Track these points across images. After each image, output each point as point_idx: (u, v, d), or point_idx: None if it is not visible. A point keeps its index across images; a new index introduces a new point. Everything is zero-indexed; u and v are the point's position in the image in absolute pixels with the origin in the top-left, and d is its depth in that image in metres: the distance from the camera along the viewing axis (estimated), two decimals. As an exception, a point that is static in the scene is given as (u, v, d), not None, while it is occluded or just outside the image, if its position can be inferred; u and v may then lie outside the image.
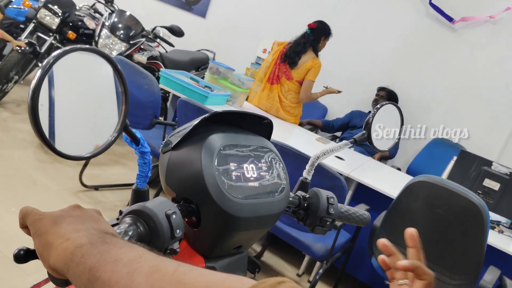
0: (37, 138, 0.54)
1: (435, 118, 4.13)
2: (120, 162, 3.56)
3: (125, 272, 0.43)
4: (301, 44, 3.44)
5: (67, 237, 0.49)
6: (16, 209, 2.45)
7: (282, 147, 2.18)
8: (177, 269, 0.42)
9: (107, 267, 0.44)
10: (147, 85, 2.72)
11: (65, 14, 3.79)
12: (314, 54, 3.48)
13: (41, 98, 0.52)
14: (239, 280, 0.39)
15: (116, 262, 0.45)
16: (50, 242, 0.49)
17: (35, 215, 0.53)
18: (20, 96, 3.97)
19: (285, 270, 2.86)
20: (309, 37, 3.44)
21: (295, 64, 3.43)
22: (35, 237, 0.51)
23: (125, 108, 0.59)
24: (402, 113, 0.96)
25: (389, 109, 0.93)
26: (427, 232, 2.04)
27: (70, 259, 0.47)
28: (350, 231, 2.62)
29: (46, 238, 0.50)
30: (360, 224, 0.90)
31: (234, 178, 0.70)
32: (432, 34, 4.15)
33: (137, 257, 0.45)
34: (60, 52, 0.52)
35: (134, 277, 0.42)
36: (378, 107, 0.91)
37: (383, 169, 3.37)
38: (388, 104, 0.93)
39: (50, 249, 0.49)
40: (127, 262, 0.44)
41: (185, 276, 0.41)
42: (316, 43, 3.47)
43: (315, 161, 0.89)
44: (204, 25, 5.26)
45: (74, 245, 0.48)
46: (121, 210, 0.63)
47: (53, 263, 0.48)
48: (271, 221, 0.76)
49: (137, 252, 0.46)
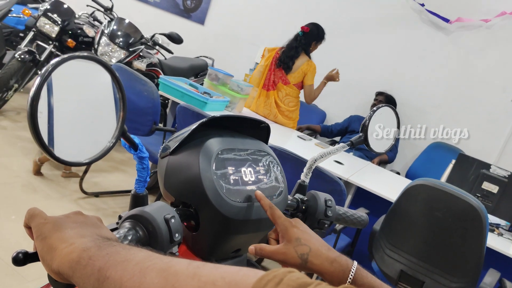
0: (36, 145, 0.55)
1: (433, 122, 4.13)
2: (120, 169, 3.56)
3: (137, 269, 0.43)
4: (294, 49, 3.45)
5: (71, 242, 0.49)
6: (16, 217, 2.45)
7: (280, 151, 2.19)
8: (190, 263, 0.43)
9: (117, 266, 0.44)
10: (146, 91, 2.73)
11: (64, 22, 3.81)
12: (308, 56, 3.50)
13: (40, 105, 0.53)
14: (252, 270, 0.40)
15: (126, 261, 0.45)
16: (54, 246, 0.49)
17: (40, 219, 0.53)
18: (20, 104, 3.98)
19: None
20: (301, 40, 3.46)
21: (290, 69, 3.46)
22: (38, 240, 0.51)
23: (123, 115, 0.60)
24: (398, 116, 0.97)
25: (385, 111, 0.94)
26: (427, 236, 2.04)
27: (77, 262, 0.47)
28: (350, 235, 2.62)
29: (49, 242, 0.50)
30: (358, 226, 0.91)
31: (232, 182, 0.70)
32: (428, 39, 4.17)
33: (148, 257, 0.45)
34: (58, 60, 0.53)
35: (147, 273, 0.42)
36: (375, 110, 0.92)
37: (382, 173, 3.37)
38: (385, 106, 0.94)
39: (54, 253, 0.49)
40: (139, 261, 0.44)
41: (199, 269, 0.41)
42: (307, 47, 3.49)
43: (313, 163, 0.89)
44: (202, 32, 5.28)
45: (80, 249, 0.48)
46: (120, 215, 0.64)
47: (57, 267, 0.48)
48: (269, 224, 0.76)
49: (147, 252, 0.46)
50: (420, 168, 4.02)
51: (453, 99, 4.09)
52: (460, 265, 1.99)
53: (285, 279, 0.35)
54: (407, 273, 2.07)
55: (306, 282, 0.35)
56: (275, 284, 0.35)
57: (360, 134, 0.92)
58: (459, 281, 1.99)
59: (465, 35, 4.02)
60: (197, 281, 0.40)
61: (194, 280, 0.40)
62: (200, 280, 0.40)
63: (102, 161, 3.49)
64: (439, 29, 4.11)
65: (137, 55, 3.87)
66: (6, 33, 4.35)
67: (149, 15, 5.46)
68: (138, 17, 4.78)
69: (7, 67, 3.41)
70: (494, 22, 3.87)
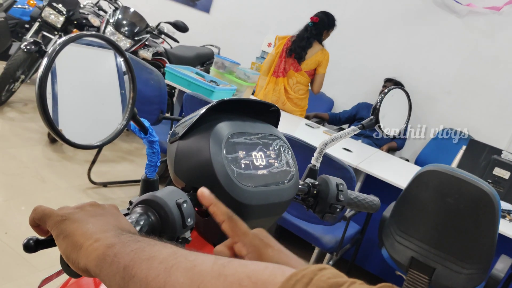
0: (46, 127, 0.54)
1: (443, 108, 4.10)
2: (127, 159, 3.58)
3: (162, 268, 0.42)
4: (305, 39, 3.43)
5: (96, 238, 0.48)
6: (26, 207, 2.47)
7: (289, 138, 2.18)
8: (215, 262, 0.42)
9: (142, 264, 0.44)
10: (153, 80, 2.73)
11: (69, 12, 3.81)
12: (321, 45, 3.48)
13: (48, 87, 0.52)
14: (279, 268, 0.38)
15: (151, 259, 0.44)
16: (80, 244, 0.48)
17: (56, 217, 0.51)
18: (26, 95, 4.00)
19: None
20: (312, 31, 3.43)
21: (303, 59, 3.44)
22: (60, 239, 0.50)
23: (133, 96, 0.59)
24: (410, 98, 0.95)
25: (396, 93, 0.93)
26: (438, 222, 2.03)
27: (103, 259, 0.46)
28: (360, 222, 2.62)
29: (73, 240, 0.49)
30: (370, 210, 0.90)
31: (243, 166, 0.69)
32: (438, 23, 4.11)
33: (173, 254, 0.44)
34: (65, 39, 0.52)
35: (172, 272, 0.42)
36: (386, 92, 0.91)
37: (392, 160, 3.35)
38: (396, 88, 0.93)
39: (79, 251, 0.48)
40: (163, 259, 0.43)
41: (224, 269, 0.40)
42: (319, 37, 3.47)
43: (324, 147, 0.88)
44: (208, 20, 5.26)
45: (105, 245, 0.47)
46: (131, 200, 0.64)
47: (84, 265, 0.47)
48: (281, 209, 0.76)
49: (172, 249, 0.45)
50: (430, 155, 3.98)
51: (464, 85, 4.04)
52: (472, 252, 1.98)
53: (315, 279, 0.34)
54: (418, 260, 2.06)
55: (337, 282, 0.33)
56: (305, 285, 0.34)
57: (371, 117, 0.91)
58: (471, 267, 1.98)
59: (476, 19, 3.96)
60: (223, 281, 0.39)
61: (220, 280, 0.39)
62: (226, 280, 0.39)
63: (109, 151, 3.51)
64: (450, 13, 4.05)
65: (143, 44, 3.86)
66: (11, 24, 4.35)
67: (154, 4, 5.44)
68: (143, 6, 4.77)
69: (13, 59, 3.42)
70: (505, 9, 3.80)
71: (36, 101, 0.51)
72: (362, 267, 2.85)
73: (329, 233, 2.34)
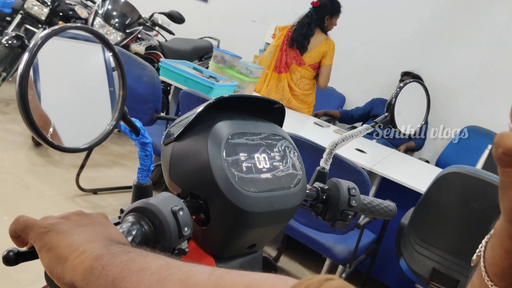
0: (28, 129, 0.55)
1: (467, 104, 4.09)
2: (119, 163, 3.59)
3: (153, 280, 0.43)
4: (306, 25, 3.41)
5: (82, 249, 0.48)
6: (8, 217, 2.48)
7: (295, 139, 2.18)
8: (212, 273, 0.42)
9: (132, 276, 0.44)
10: (146, 77, 2.73)
11: (54, 3, 3.82)
12: (325, 34, 3.46)
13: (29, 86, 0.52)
14: (282, 279, 0.38)
15: (142, 271, 0.44)
16: (65, 257, 0.48)
17: (39, 228, 0.51)
18: (8, 94, 4.02)
19: (304, 276, 2.86)
20: (312, 16, 3.42)
21: (305, 49, 3.42)
22: (43, 252, 0.49)
23: (123, 93, 0.59)
24: (428, 93, 0.95)
25: (413, 87, 0.92)
26: (461, 229, 2.02)
27: (90, 272, 0.46)
28: (375, 231, 2.61)
29: (58, 253, 0.48)
30: (386, 217, 0.90)
31: (245, 170, 0.70)
32: (460, 10, 4.09)
33: (166, 265, 0.44)
34: (48, 32, 0.52)
35: (165, 284, 0.42)
36: (402, 86, 0.90)
37: (410, 161, 3.34)
38: (413, 82, 0.92)
39: (65, 264, 0.48)
40: (156, 270, 0.44)
41: (222, 279, 0.40)
42: (321, 23, 3.44)
43: (333, 148, 0.88)
44: (206, 10, 5.27)
45: (92, 257, 0.47)
46: (122, 208, 0.64)
47: (70, 279, 0.47)
48: (287, 216, 0.75)
49: (165, 260, 0.46)
50: (452, 155, 3.97)
51: (488, 78, 4.03)
52: (499, 262, 1.97)
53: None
54: (440, 271, 2.05)
55: None
56: None
57: (385, 114, 0.91)
58: (498, 279, 1.97)
59: (500, 9, 3.95)
60: None
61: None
62: None
63: (99, 155, 3.52)
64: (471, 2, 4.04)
65: (135, 37, 3.87)
66: (-9, 17, 4.37)
67: (146, -7, 5.46)
68: (134, -5, 4.78)
69: (-6, 54, 3.44)
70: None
71: (16, 100, 0.52)
72: (378, 280, 2.84)
73: (341, 242, 2.34)
